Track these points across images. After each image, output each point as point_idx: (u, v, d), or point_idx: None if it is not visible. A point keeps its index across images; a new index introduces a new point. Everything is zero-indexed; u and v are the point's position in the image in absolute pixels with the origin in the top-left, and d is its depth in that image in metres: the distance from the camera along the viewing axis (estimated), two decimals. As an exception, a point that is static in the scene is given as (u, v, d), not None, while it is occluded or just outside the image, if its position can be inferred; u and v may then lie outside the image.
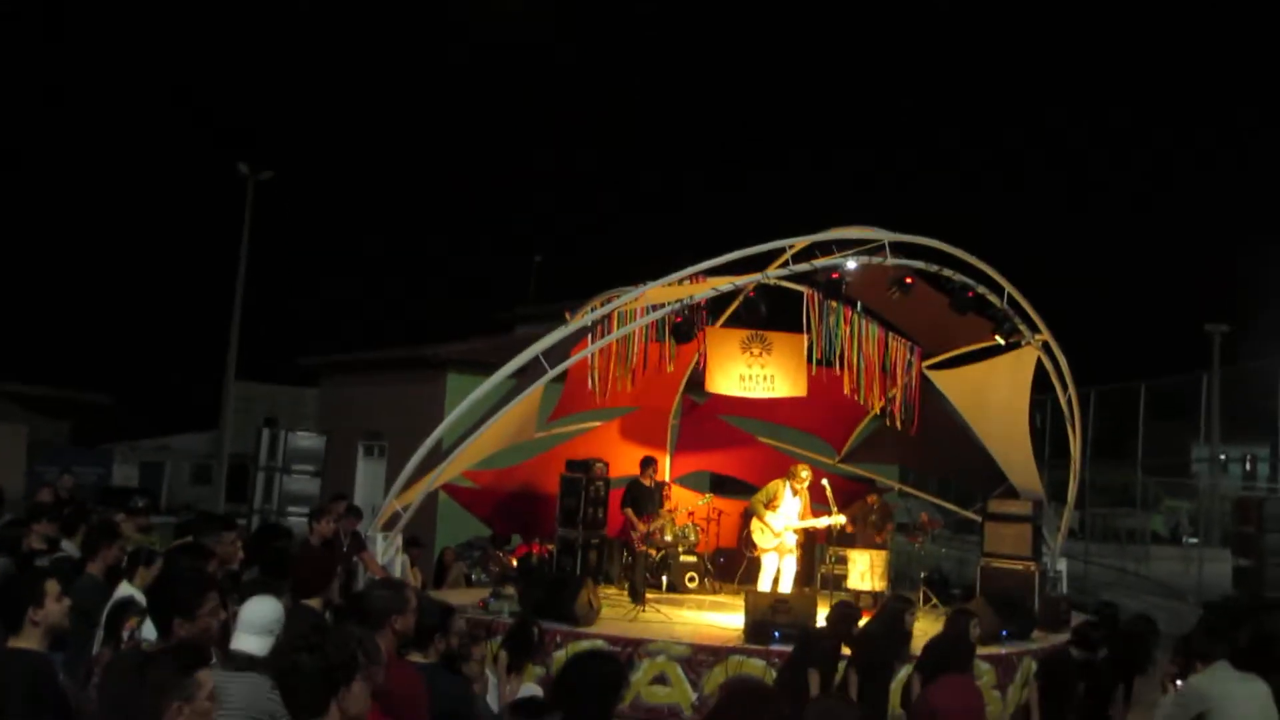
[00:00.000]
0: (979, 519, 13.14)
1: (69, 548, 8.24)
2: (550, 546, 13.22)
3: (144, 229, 63.60)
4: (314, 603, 5.45)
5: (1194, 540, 20.62)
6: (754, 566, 12.75)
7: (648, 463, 13.35)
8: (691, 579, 13.26)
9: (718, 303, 11.97)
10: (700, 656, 9.37)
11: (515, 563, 13.48)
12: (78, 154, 62.40)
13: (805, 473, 12.14)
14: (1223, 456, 23.46)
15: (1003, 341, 11.99)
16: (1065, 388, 12.48)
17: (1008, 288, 11.62)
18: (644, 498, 13.08)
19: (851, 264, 11.10)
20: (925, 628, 9.37)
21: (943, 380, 12.65)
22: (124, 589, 6.27)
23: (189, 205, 63.26)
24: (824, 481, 12.26)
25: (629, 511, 12.97)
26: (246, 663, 4.25)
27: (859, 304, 12.35)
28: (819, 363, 12.36)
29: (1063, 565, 13.07)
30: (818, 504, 12.23)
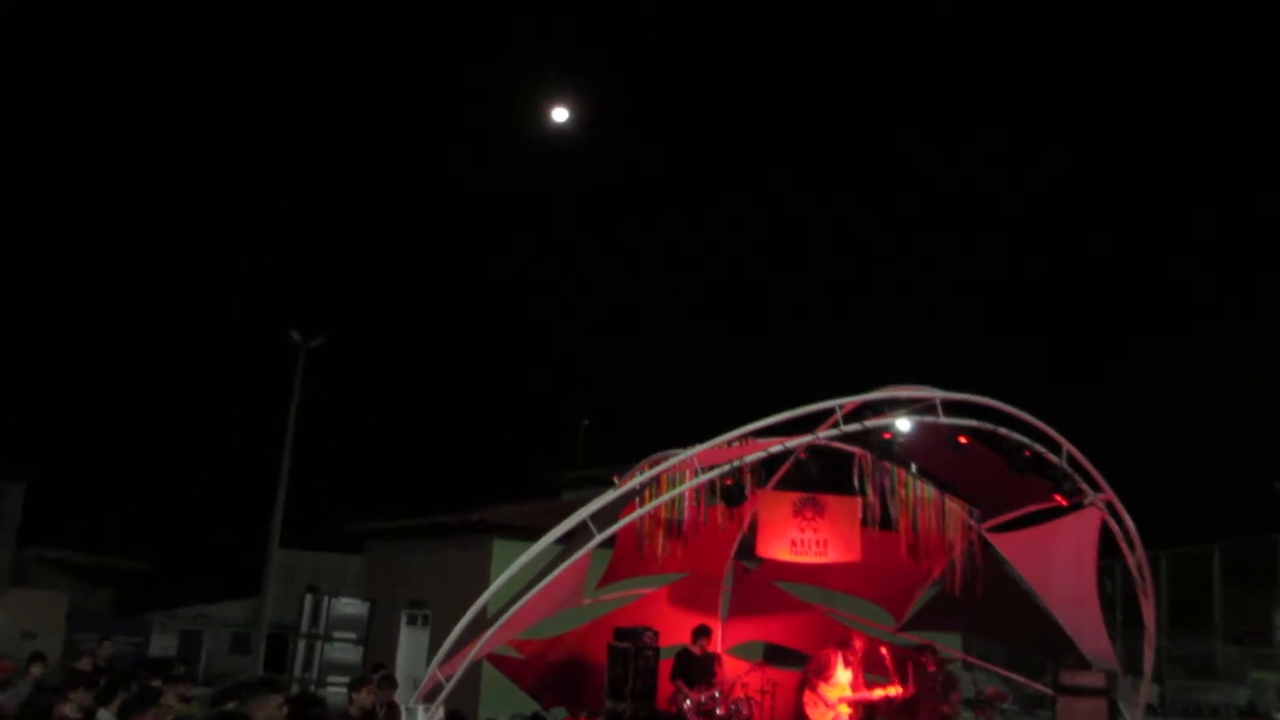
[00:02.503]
0: (1050, 692, 12.69)
1: (106, 717, 8.27)
2: (598, 720, 12.95)
3: (189, 395, 65.04)
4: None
5: (1284, 716, 19.63)
6: (811, 743, 12.37)
7: (701, 631, 13.11)
8: (745, 756, 12.85)
9: (768, 465, 11.96)
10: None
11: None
12: (120, 317, 64.51)
13: (858, 643, 11.92)
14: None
15: (1065, 502, 11.83)
16: (1133, 550, 12.20)
17: (1065, 445, 11.52)
18: (694, 668, 12.82)
19: (904, 424, 11.14)
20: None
21: (1003, 543, 12.41)
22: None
23: (233, 371, 64.82)
24: (883, 650, 11.99)
25: (679, 682, 12.70)
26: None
27: (913, 465, 12.34)
28: (880, 525, 12.25)
29: (1143, 744, 12.52)
30: (876, 674, 11.93)
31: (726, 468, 11.05)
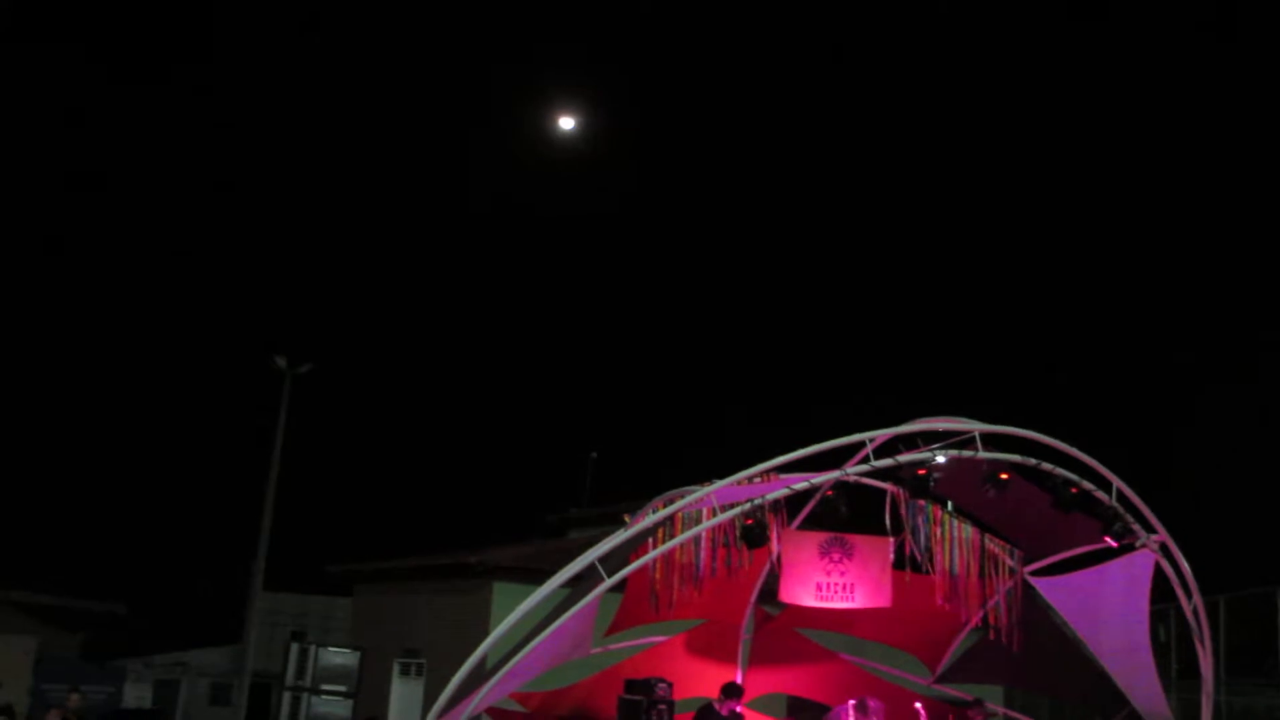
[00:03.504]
0: (1100, 750, 12.61)
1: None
2: (607, 780, 12.85)
3: (167, 426, 65.06)
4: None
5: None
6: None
7: (731, 690, 12.66)
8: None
9: (793, 503, 11.93)
10: None
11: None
12: (93, 345, 64.64)
13: (873, 703, 11.95)
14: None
15: (1115, 543, 11.76)
16: (1189, 595, 12.12)
17: (1115, 482, 11.49)
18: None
19: (940, 459, 11.09)
20: None
21: (1048, 588, 12.38)
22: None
23: (213, 400, 64.79)
24: (917, 705, 11.91)
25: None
26: None
27: (950, 503, 12.30)
28: (914, 567, 12.21)
29: (1202, 806, 12.40)
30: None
31: (747, 506, 10.99)
